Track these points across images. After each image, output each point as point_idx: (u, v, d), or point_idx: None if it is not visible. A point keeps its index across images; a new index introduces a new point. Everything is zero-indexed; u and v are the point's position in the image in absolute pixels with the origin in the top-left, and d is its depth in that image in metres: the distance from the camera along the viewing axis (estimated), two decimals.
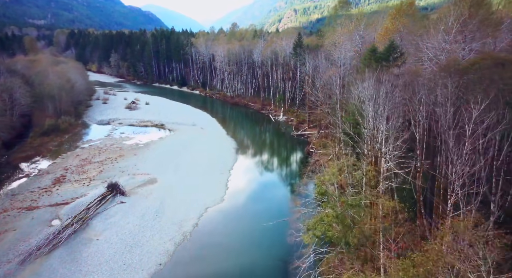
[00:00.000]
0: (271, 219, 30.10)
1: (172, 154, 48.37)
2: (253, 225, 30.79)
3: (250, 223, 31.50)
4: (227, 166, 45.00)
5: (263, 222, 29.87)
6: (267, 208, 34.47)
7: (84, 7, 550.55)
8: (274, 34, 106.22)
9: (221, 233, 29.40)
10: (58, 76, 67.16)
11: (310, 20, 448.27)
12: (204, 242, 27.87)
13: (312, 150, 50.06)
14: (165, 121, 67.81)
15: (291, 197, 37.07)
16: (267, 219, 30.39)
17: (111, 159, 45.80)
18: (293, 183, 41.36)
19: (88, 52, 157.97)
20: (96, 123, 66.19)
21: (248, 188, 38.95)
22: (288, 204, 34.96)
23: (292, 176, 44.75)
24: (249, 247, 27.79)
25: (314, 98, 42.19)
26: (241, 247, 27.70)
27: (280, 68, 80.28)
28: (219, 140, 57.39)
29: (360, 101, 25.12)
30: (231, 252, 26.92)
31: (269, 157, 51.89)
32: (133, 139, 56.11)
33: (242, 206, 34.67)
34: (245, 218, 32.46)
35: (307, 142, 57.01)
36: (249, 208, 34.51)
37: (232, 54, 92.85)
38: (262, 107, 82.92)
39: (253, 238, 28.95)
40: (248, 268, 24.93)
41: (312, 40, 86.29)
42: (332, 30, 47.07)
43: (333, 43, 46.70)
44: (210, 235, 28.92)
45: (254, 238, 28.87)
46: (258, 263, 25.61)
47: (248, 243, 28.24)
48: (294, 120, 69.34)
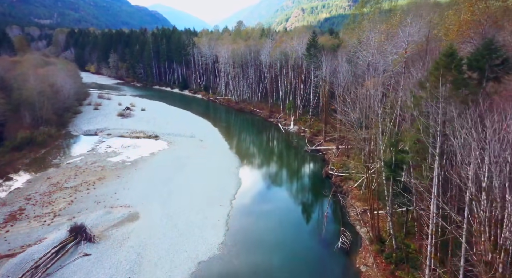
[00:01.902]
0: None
1: (163, 177, 40.12)
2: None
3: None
4: (229, 193, 36.61)
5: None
6: (280, 263, 25.89)
7: (90, 6, 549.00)
8: (284, 33, 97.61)
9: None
10: (40, 80, 59.37)
11: (318, 19, 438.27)
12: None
13: (332, 172, 41.43)
14: (160, 132, 59.61)
15: (313, 244, 28.52)
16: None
17: (88, 183, 37.66)
18: (313, 221, 32.78)
19: (87, 53, 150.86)
20: (82, 133, 58.25)
21: (253, 228, 30.46)
22: (310, 256, 26.44)
23: (310, 209, 36.09)
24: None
25: (344, 118, 33.25)
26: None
27: (291, 71, 71.73)
28: (220, 156, 49.00)
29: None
30: None
31: (278, 180, 43.19)
32: (120, 155, 48.00)
33: (246, 258, 26.17)
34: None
35: (324, 159, 48.40)
36: (255, 260, 25.99)
37: (237, 55, 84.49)
38: (270, 114, 74.40)
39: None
40: None
41: (326, 39, 77.54)
42: (359, 27, 38.25)
43: (361, 43, 37.93)
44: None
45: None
46: None
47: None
48: (307, 132, 60.65)
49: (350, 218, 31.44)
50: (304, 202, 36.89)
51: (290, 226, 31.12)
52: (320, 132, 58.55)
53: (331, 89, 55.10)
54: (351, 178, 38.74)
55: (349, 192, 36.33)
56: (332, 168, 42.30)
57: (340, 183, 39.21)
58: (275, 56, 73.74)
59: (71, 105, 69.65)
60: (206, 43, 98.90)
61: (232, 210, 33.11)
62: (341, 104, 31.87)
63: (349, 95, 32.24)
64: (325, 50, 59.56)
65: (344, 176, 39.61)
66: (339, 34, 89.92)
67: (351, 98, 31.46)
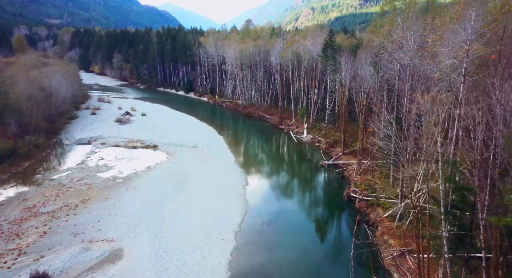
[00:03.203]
0: None
1: (157, 198, 34.44)
2: None
3: None
4: (233, 222, 30.71)
5: None
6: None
7: (100, 6, 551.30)
8: (295, 33, 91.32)
9: None
10: (30, 83, 54.40)
11: (328, 19, 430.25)
12: None
13: (355, 195, 35.15)
14: (160, 141, 54.04)
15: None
16: None
17: (69, 207, 32.17)
18: (336, 263, 26.57)
19: (92, 53, 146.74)
20: (74, 142, 52.97)
21: (262, 272, 24.44)
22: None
23: (331, 247, 29.88)
24: None
25: (384, 144, 26.71)
26: None
27: (304, 74, 65.47)
28: (224, 171, 43.12)
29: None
30: None
31: (291, 205, 36.84)
32: (112, 169, 42.51)
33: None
34: None
35: (343, 177, 42.14)
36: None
37: (245, 55, 78.52)
38: (280, 120, 68.28)
39: None
40: None
41: (342, 39, 71.12)
42: (390, 25, 31.94)
43: (392, 43, 31.62)
44: None
45: None
46: None
47: None
48: (322, 142, 54.38)
49: (384, 262, 25.16)
50: (323, 237, 30.62)
51: (307, 271, 24.98)
52: (337, 143, 52.28)
53: (350, 95, 48.89)
54: (379, 204, 32.42)
55: (379, 223, 30.02)
56: (355, 189, 35.99)
57: (366, 209, 32.91)
58: (286, 57, 67.62)
59: (66, 110, 64.65)
60: (213, 43, 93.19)
61: (236, 246, 27.16)
62: (378, 124, 25.42)
63: (390, 112, 25.76)
64: (343, 51, 53.31)
65: (371, 201, 33.29)
66: (355, 33, 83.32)
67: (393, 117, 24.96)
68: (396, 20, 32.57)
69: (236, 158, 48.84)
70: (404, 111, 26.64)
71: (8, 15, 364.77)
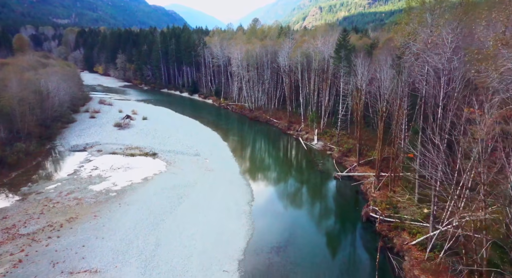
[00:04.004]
0: None
1: (152, 217, 30.74)
2: None
3: None
4: (237, 248, 26.81)
5: None
6: None
7: (108, 6, 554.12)
8: (305, 32, 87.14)
9: None
10: (24, 86, 51.24)
11: (336, 18, 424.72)
12: None
13: (375, 215, 31.00)
14: (160, 148, 50.45)
15: None
16: None
17: (53, 227, 28.65)
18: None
19: (96, 53, 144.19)
20: (68, 149, 49.66)
21: None
22: None
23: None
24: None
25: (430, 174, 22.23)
26: None
27: (314, 76, 61.34)
28: (228, 184, 39.27)
29: None
30: None
31: (302, 225, 32.53)
32: (106, 181, 38.99)
33: None
34: None
35: (360, 191, 37.97)
36: None
37: (251, 56, 74.61)
38: (288, 125, 64.24)
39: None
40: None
41: (355, 38, 66.80)
42: (418, 23, 27.76)
43: (422, 43, 27.45)
44: None
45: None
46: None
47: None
48: (335, 150, 50.21)
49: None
50: (341, 268, 26.45)
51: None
52: (351, 151, 48.10)
53: (365, 99, 44.75)
54: (404, 227, 28.23)
55: (406, 252, 25.85)
56: (374, 208, 31.82)
57: (389, 233, 28.73)
58: (296, 58, 63.55)
59: (63, 113, 61.45)
60: (218, 43, 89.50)
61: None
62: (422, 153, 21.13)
63: (442, 140, 21.41)
64: (357, 51, 49.17)
65: (394, 223, 29.10)
66: (368, 32, 78.83)
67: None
68: (424, 17, 28.31)
69: (241, 168, 44.99)
70: (445, 127, 22.38)
71: (17, 15, 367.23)
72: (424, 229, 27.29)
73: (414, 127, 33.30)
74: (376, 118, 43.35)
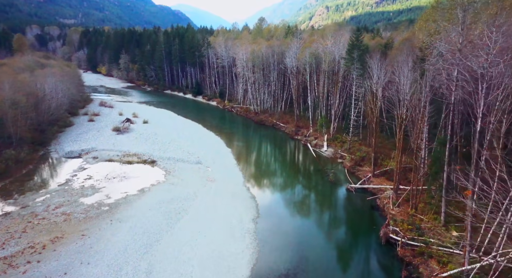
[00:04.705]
0: None
1: (145, 237, 27.57)
2: None
3: None
4: (239, 276, 23.50)
5: None
6: None
7: (115, 6, 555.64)
8: (313, 32, 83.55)
9: None
10: (17, 88, 48.54)
11: (343, 18, 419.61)
12: None
13: (396, 236, 27.45)
14: (159, 155, 47.37)
15: None
16: None
17: (34, 248, 25.64)
18: None
19: (99, 53, 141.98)
20: (62, 156, 46.80)
21: None
22: None
23: None
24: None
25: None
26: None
27: (323, 78, 57.78)
28: (231, 196, 35.99)
29: None
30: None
31: (313, 247, 28.85)
32: (99, 192, 35.98)
33: None
34: None
35: (376, 207, 34.41)
36: None
37: (257, 57, 71.26)
38: (296, 130, 60.79)
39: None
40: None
41: (367, 38, 63.06)
42: (448, 17, 24.15)
43: (452, 43, 23.87)
44: None
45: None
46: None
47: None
48: (347, 158, 46.66)
49: None
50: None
51: None
52: (364, 160, 44.51)
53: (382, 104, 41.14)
54: (431, 254, 24.63)
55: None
56: (394, 229, 28.26)
57: (413, 259, 25.17)
58: (304, 59, 60.05)
59: (60, 117, 58.70)
60: (223, 43, 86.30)
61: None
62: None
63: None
64: (371, 52, 45.58)
65: (419, 248, 25.52)
66: (379, 32, 75.00)
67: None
68: (454, 13, 24.72)
69: (245, 178, 41.66)
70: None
71: (24, 15, 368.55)
72: (455, 257, 23.75)
73: (441, 138, 29.67)
74: (395, 125, 39.76)
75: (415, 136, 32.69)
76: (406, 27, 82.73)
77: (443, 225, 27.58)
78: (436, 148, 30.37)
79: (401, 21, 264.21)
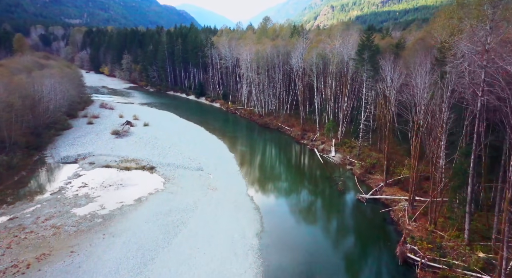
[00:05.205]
0: None
1: (139, 254, 25.28)
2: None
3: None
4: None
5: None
6: None
7: (120, 6, 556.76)
8: (319, 31, 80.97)
9: None
10: (12, 90, 46.62)
11: (348, 17, 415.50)
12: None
13: (415, 256, 24.88)
14: (159, 160, 45.16)
15: None
16: None
17: (17, 268, 23.48)
18: None
19: (102, 53, 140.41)
20: (58, 161, 44.78)
21: None
22: None
23: None
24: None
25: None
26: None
27: (331, 80, 55.23)
28: (233, 208, 33.63)
29: None
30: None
31: (322, 266, 26.55)
32: (94, 202, 33.85)
33: None
34: None
35: (390, 219, 31.86)
36: None
37: (262, 57, 68.86)
38: (302, 134, 58.30)
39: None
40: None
41: (376, 38, 60.29)
42: (475, 14, 21.53)
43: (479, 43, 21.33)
44: None
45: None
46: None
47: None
48: (356, 165, 44.10)
49: None
50: None
51: None
52: (375, 167, 41.93)
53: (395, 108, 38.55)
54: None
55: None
56: (412, 247, 25.69)
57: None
58: (311, 60, 57.50)
59: (58, 119, 56.74)
60: (226, 43, 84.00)
61: None
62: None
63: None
64: (383, 52, 43.00)
65: (442, 271, 22.95)
66: (389, 31, 72.19)
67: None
68: (482, 10, 22.13)
69: (249, 187, 39.28)
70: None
71: (29, 15, 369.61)
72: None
73: (464, 149, 27.03)
74: (408, 130, 37.22)
75: (434, 145, 30.13)
76: (418, 26, 79.75)
77: (467, 244, 24.96)
78: (459, 159, 27.74)
79: (408, 21, 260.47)
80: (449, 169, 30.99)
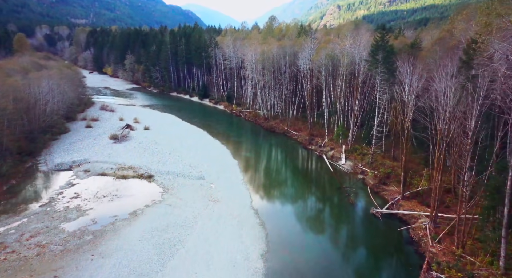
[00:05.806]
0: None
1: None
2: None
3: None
4: None
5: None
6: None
7: (126, 6, 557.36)
8: (327, 31, 77.78)
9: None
10: (4, 93, 44.24)
11: (355, 17, 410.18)
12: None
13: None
14: (158, 168, 42.46)
15: None
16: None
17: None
18: None
19: (105, 53, 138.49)
20: (52, 168, 42.31)
21: None
22: None
23: None
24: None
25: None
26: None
27: (341, 82, 52.10)
28: (236, 224, 30.73)
29: None
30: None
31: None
32: (85, 215, 31.27)
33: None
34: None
35: (408, 238, 28.73)
36: None
37: (268, 58, 65.89)
38: (309, 139, 55.24)
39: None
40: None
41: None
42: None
43: None
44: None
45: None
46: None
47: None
48: (369, 174, 40.93)
49: None
50: None
51: None
52: (390, 177, 38.75)
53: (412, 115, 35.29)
54: None
55: None
56: (440, 276, 22.55)
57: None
58: (319, 61, 54.41)
59: (55, 123, 54.33)
60: (231, 43, 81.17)
61: None
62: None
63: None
64: (400, 53, 39.83)
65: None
66: (401, 31, 68.74)
67: None
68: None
69: (253, 198, 36.37)
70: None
71: (36, 15, 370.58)
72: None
73: (499, 164, 23.82)
74: (430, 139, 34.06)
75: (458, 156, 26.94)
76: (436, 25, 76.14)
77: (503, 273, 21.79)
78: (491, 175, 24.55)
79: (416, 20, 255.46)
80: (476, 183, 27.78)
